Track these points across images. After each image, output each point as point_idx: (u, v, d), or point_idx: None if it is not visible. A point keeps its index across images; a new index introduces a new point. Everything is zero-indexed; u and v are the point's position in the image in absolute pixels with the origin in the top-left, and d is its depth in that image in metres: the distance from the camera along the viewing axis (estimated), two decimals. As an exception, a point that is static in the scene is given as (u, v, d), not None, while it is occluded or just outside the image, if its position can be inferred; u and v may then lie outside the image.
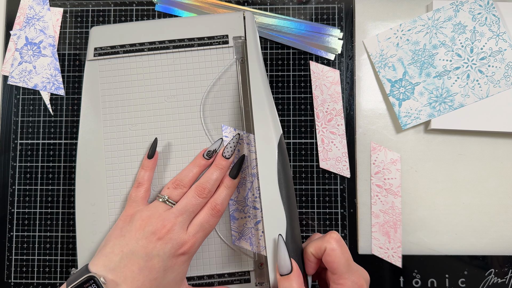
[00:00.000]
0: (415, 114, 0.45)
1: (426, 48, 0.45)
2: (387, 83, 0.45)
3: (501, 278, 0.45)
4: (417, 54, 0.45)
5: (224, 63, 0.42)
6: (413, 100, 0.45)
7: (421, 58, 0.45)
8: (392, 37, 0.46)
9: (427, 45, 0.45)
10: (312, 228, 0.46)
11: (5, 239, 0.47)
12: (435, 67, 0.45)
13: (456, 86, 0.45)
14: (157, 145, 0.41)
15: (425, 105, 0.45)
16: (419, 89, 0.45)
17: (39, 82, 0.48)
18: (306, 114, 0.48)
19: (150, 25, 0.43)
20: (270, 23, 0.48)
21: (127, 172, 0.41)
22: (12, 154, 0.48)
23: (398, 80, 0.45)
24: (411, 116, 0.45)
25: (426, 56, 0.45)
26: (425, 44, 0.45)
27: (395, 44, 0.46)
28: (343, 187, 0.47)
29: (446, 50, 0.45)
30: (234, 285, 0.40)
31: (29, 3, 0.49)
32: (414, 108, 0.45)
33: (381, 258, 0.46)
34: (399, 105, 0.45)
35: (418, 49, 0.45)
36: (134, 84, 0.42)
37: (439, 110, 0.45)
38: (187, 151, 0.41)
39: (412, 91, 0.45)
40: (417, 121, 0.45)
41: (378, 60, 0.45)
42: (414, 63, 0.45)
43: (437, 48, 0.45)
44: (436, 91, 0.45)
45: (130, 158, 0.41)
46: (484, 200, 0.46)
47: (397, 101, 0.45)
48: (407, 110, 0.45)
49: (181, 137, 0.41)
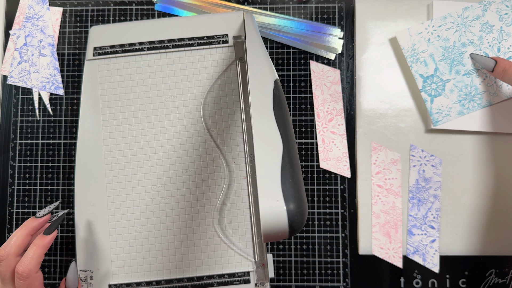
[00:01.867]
0: (446, 111, 0.45)
1: (455, 46, 0.45)
2: (419, 79, 0.45)
3: (501, 279, 0.45)
4: (447, 51, 0.45)
5: (224, 63, 0.42)
6: (444, 97, 0.45)
7: (451, 55, 0.45)
8: (423, 32, 0.46)
9: (457, 42, 0.45)
10: (312, 229, 0.46)
11: (4, 239, 0.47)
12: (464, 65, 0.45)
13: (484, 85, 0.45)
14: (156, 147, 0.41)
15: (455, 103, 0.45)
16: (450, 86, 0.45)
17: (39, 82, 0.48)
18: (307, 114, 0.47)
19: (149, 25, 0.43)
20: (270, 22, 0.48)
21: (126, 172, 0.41)
22: (12, 154, 0.48)
23: (429, 76, 0.45)
24: (442, 113, 0.45)
25: (456, 53, 0.45)
26: (455, 41, 0.45)
27: (427, 39, 0.45)
28: (344, 187, 0.47)
29: (474, 48, 0.45)
30: (234, 285, 0.40)
31: (28, 2, 0.49)
32: (445, 105, 0.45)
33: (381, 258, 0.45)
34: (431, 102, 0.45)
35: (448, 46, 0.45)
36: (133, 83, 0.42)
37: (468, 108, 0.45)
38: (186, 151, 0.41)
39: (443, 88, 0.45)
40: (447, 118, 0.45)
41: (410, 54, 0.45)
42: (444, 60, 0.45)
43: (466, 47, 0.45)
44: (465, 89, 0.45)
45: (130, 158, 0.41)
46: (485, 200, 0.46)
47: (429, 97, 0.45)
48: (438, 107, 0.45)
49: (180, 137, 0.41)
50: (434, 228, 0.45)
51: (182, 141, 0.41)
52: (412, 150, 0.47)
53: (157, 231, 0.41)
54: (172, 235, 0.41)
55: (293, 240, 0.46)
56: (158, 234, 0.41)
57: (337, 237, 0.46)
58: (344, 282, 0.46)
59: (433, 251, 0.45)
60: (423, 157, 0.46)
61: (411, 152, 0.47)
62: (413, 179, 0.46)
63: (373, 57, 0.48)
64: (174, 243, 0.41)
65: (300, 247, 0.46)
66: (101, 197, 0.41)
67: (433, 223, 0.45)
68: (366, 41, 0.48)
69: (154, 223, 0.41)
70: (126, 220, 0.41)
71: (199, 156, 0.42)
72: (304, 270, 0.46)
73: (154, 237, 0.41)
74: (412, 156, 0.47)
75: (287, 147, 0.29)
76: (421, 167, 0.46)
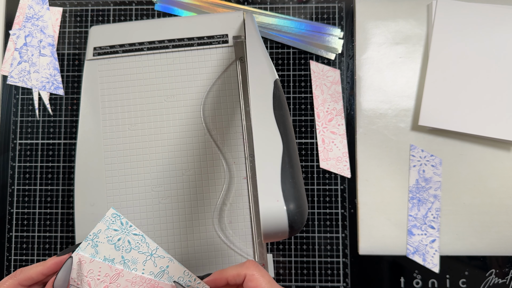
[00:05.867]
0: None
1: None
2: None
3: (501, 279, 0.45)
4: None
5: (224, 63, 0.42)
6: None
7: None
8: None
9: None
10: (312, 229, 0.46)
11: (4, 239, 0.47)
12: None
13: None
14: (156, 147, 0.41)
15: None
16: None
17: (39, 82, 0.48)
18: (307, 114, 0.47)
19: (149, 25, 0.43)
20: (270, 22, 0.48)
21: (126, 172, 0.41)
22: (12, 154, 0.48)
23: None
24: None
25: None
26: None
27: None
28: (344, 187, 0.47)
29: None
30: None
31: (28, 2, 0.49)
32: None
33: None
34: None
35: None
36: (133, 83, 0.42)
37: None
38: (186, 151, 0.41)
39: None
40: None
41: None
42: None
43: None
44: None
45: (130, 158, 0.41)
46: (485, 200, 0.46)
47: None
48: None
49: (180, 137, 0.41)
50: (434, 228, 0.45)
51: (182, 141, 0.41)
52: (412, 150, 0.47)
53: (157, 231, 0.41)
54: (172, 235, 0.41)
55: (293, 240, 0.46)
56: (158, 234, 0.41)
57: (337, 237, 0.46)
58: (344, 282, 0.46)
59: (433, 251, 0.45)
60: (423, 157, 0.46)
61: (411, 152, 0.47)
62: (413, 179, 0.46)
63: (373, 57, 0.48)
64: (174, 243, 0.41)
65: (300, 247, 0.46)
66: (101, 197, 0.41)
67: (433, 223, 0.45)
68: (366, 41, 0.48)
69: (154, 223, 0.41)
70: (126, 220, 0.41)
71: (199, 156, 0.41)
72: (304, 270, 0.46)
73: (154, 237, 0.41)
74: (412, 156, 0.46)
75: (287, 147, 0.29)
76: (421, 167, 0.46)
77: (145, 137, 0.41)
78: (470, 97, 0.45)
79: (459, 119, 0.45)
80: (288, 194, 0.27)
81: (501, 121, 0.45)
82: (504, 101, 0.45)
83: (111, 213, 0.33)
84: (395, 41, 0.48)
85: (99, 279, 0.33)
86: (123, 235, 0.33)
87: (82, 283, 0.33)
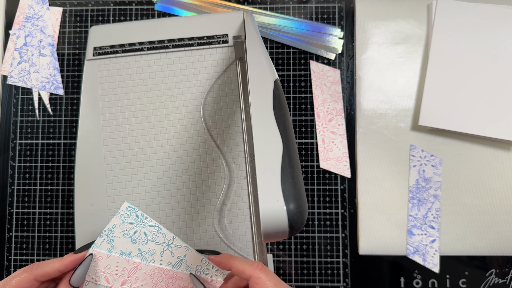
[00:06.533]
0: None
1: None
2: None
3: (501, 279, 0.45)
4: None
5: (224, 63, 0.42)
6: None
7: None
8: None
9: None
10: (312, 229, 0.46)
11: (4, 239, 0.47)
12: None
13: None
14: (156, 147, 0.41)
15: None
16: None
17: (39, 82, 0.48)
18: (307, 114, 0.47)
19: (149, 25, 0.43)
20: (270, 22, 0.48)
21: (126, 172, 0.41)
22: (12, 154, 0.48)
23: None
24: None
25: None
26: None
27: None
28: (344, 187, 0.47)
29: None
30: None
31: (28, 2, 0.49)
32: None
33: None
34: None
35: None
36: (133, 83, 0.42)
37: None
38: (186, 151, 0.41)
39: None
40: None
41: None
42: None
43: None
44: None
45: (130, 158, 0.41)
46: (485, 200, 0.46)
47: None
48: None
49: (180, 137, 0.41)
50: (434, 228, 0.45)
51: (182, 141, 0.41)
52: (412, 150, 0.47)
53: (157, 231, 0.41)
54: (172, 235, 0.41)
55: (293, 240, 0.46)
56: (158, 234, 0.41)
57: (337, 237, 0.46)
58: (344, 282, 0.46)
59: (433, 251, 0.45)
60: (423, 157, 0.46)
61: (411, 152, 0.47)
62: (413, 179, 0.46)
63: (373, 57, 0.48)
64: (174, 243, 0.41)
65: (300, 247, 0.46)
66: (101, 197, 0.41)
67: (433, 223, 0.45)
68: (366, 41, 0.48)
69: (154, 223, 0.41)
70: (126, 220, 0.41)
71: (199, 156, 0.41)
72: (304, 270, 0.46)
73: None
74: (412, 156, 0.46)
75: (287, 147, 0.29)
76: (421, 167, 0.46)
77: (145, 137, 0.41)
78: (470, 97, 0.45)
79: (459, 119, 0.45)
80: (288, 194, 0.27)
81: (501, 121, 0.45)
82: (504, 101, 0.45)
83: (125, 207, 0.33)
84: (395, 41, 0.48)
85: (117, 273, 0.33)
86: (139, 227, 0.33)
87: (100, 279, 0.33)
